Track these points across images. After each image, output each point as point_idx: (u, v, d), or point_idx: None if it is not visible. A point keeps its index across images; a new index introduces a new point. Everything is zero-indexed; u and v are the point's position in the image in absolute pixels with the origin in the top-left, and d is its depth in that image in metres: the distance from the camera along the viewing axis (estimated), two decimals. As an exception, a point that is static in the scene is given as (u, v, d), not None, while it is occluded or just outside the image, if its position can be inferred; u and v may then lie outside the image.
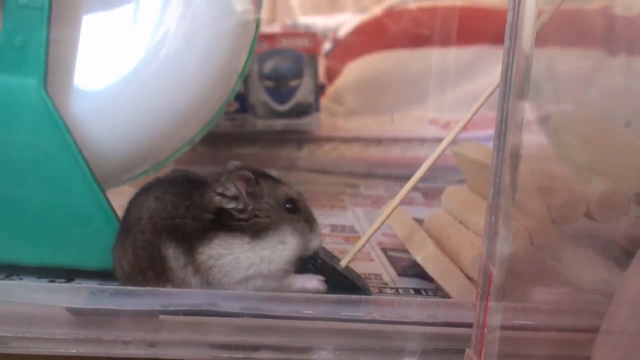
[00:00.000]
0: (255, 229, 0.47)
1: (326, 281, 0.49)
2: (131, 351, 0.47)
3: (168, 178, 0.51)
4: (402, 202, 0.53)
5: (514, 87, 0.39)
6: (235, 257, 0.46)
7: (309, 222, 0.49)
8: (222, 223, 0.47)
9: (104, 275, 0.53)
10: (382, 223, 0.52)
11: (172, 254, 0.47)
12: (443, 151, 0.53)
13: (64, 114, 0.52)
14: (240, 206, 0.47)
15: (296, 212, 0.49)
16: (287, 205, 0.48)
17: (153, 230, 0.48)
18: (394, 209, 0.52)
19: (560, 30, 0.62)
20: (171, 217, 0.48)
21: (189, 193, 0.48)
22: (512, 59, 0.39)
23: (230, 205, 0.47)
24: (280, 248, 0.47)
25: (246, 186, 0.47)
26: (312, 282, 0.49)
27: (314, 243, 0.49)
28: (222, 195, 0.47)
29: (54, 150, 0.52)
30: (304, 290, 0.48)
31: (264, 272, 0.47)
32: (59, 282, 0.53)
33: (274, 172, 0.51)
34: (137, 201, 0.50)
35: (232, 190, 0.47)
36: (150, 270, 0.48)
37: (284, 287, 0.48)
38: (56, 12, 0.52)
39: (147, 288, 0.47)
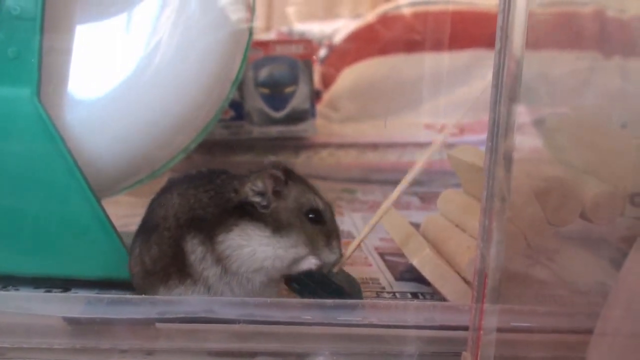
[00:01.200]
0: (275, 225, 0.48)
1: (314, 287, 0.49)
2: (128, 360, 0.47)
3: (192, 174, 0.52)
4: (400, 207, 0.53)
5: (505, 89, 0.39)
6: (253, 249, 0.47)
7: (329, 237, 0.50)
8: (244, 211, 0.48)
9: (100, 284, 0.53)
10: (373, 227, 0.52)
11: (191, 247, 0.48)
12: (431, 153, 0.52)
13: (58, 123, 0.52)
14: (265, 202, 0.48)
15: (319, 223, 0.49)
16: (310, 215, 0.49)
17: (177, 226, 0.49)
18: (383, 214, 0.52)
19: (555, 33, 0.62)
20: (193, 209, 0.49)
21: (214, 183, 0.49)
22: (503, 62, 0.39)
23: (256, 199, 0.48)
24: (292, 251, 0.48)
25: (274, 185, 0.48)
26: (306, 262, 0.49)
27: (327, 258, 0.50)
28: (251, 188, 0.48)
29: (49, 160, 0.52)
30: (298, 271, 0.49)
31: (277, 266, 0.48)
32: (55, 292, 0.53)
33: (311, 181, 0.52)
34: (161, 200, 0.51)
35: (259, 186, 0.48)
36: (173, 266, 0.48)
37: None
38: (49, 22, 0.52)
39: (143, 296, 0.48)
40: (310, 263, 0.49)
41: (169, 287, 0.48)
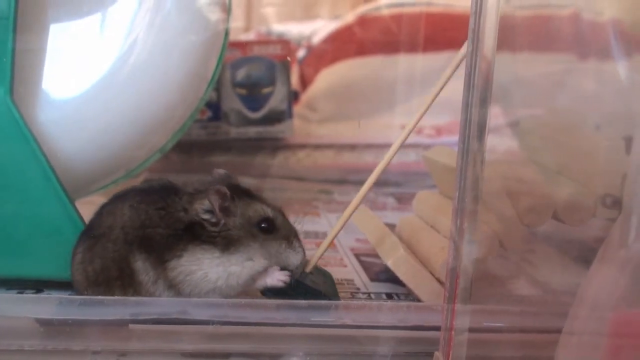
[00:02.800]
0: (225, 243, 0.47)
1: (288, 288, 0.49)
2: (101, 361, 0.47)
3: (144, 187, 0.51)
4: (375, 207, 0.54)
5: (477, 91, 0.39)
6: (205, 272, 0.47)
7: (288, 240, 0.49)
8: (194, 234, 0.47)
9: (73, 285, 0.53)
10: (341, 228, 0.52)
11: (142, 267, 0.47)
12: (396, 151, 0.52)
13: (31, 123, 0.52)
14: (214, 220, 0.47)
15: (272, 231, 0.48)
16: (262, 225, 0.48)
17: (124, 240, 0.48)
18: (352, 212, 0.52)
19: (531, 36, 0.63)
20: (144, 226, 0.48)
21: (165, 202, 0.48)
22: (474, 64, 0.39)
23: (205, 216, 0.47)
24: (248, 265, 0.48)
25: (220, 201, 0.47)
26: (273, 279, 0.48)
27: (292, 260, 0.49)
28: (199, 207, 0.47)
29: (21, 160, 0.51)
30: (266, 287, 0.49)
31: (232, 284, 0.47)
32: (27, 293, 0.53)
33: (252, 187, 0.51)
34: (111, 208, 0.50)
35: (206, 204, 0.47)
36: (118, 280, 0.48)
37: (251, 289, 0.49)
38: (22, 21, 0.51)
39: (116, 297, 0.47)
40: (275, 280, 0.48)
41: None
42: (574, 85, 0.67)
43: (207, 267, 0.47)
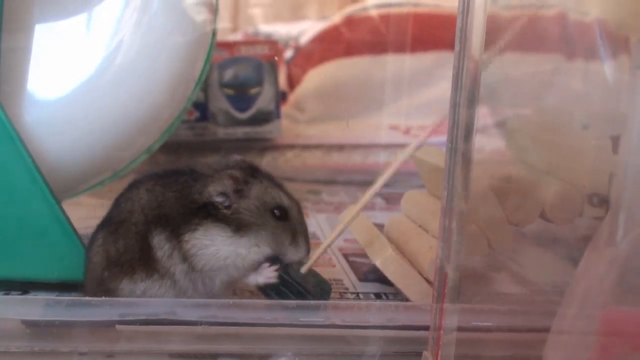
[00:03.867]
0: (237, 224, 0.48)
1: (280, 288, 0.49)
2: (88, 362, 0.46)
3: (159, 172, 0.52)
4: (364, 208, 0.54)
5: (464, 91, 0.39)
6: (217, 248, 0.48)
7: (294, 234, 0.50)
8: (208, 212, 0.49)
9: (60, 286, 0.52)
10: (342, 231, 0.52)
11: (157, 243, 0.48)
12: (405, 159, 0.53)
13: (16, 124, 0.52)
14: (227, 203, 0.48)
15: (284, 220, 0.49)
16: (275, 211, 0.49)
17: (145, 221, 0.49)
18: (354, 217, 0.52)
19: (518, 36, 0.63)
20: (160, 206, 0.49)
21: (179, 185, 0.50)
22: (462, 64, 0.39)
23: (219, 199, 0.49)
24: (254, 250, 0.49)
25: (234, 186, 0.48)
26: (264, 276, 0.49)
27: (293, 255, 0.50)
28: (213, 190, 0.49)
29: (7, 161, 0.51)
30: (256, 285, 0.50)
31: (238, 265, 0.49)
32: (13, 295, 0.52)
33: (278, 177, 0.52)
34: (128, 195, 0.51)
35: (219, 188, 0.49)
36: (139, 260, 0.48)
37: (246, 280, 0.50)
38: (7, 20, 0.51)
39: (103, 298, 0.47)
40: (264, 277, 0.49)
41: (134, 280, 0.48)
42: (561, 85, 0.67)
43: (219, 244, 0.48)
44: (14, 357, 0.46)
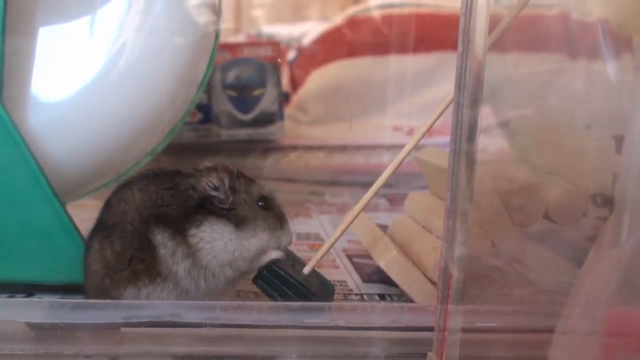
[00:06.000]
0: (236, 220, 0.49)
1: (283, 290, 0.49)
2: (93, 365, 0.46)
3: (148, 172, 0.52)
4: (368, 209, 0.54)
5: (467, 91, 0.39)
6: (225, 242, 0.49)
7: (280, 220, 0.51)
8: (208, 209, 0.49)
9: (64, 289, 0.52)
10: (344, 231, 0.52)
11: (161, 241, 0.48)
12: (404, 158, 0.53)
13: (21, 127, 0.52)
14: (222, 196, 0.49)
15: (268, 209, 0.51)
16: (260, 203, 0.51)
17: (141, 219, 0.49)
18: (355, 217, 0.52)
19: (521, 36, 0.63)
20: (157, 205, 0.49)
21: (172, 182, 0.50)
22: (465, 64, 0.39)
23: (214, 193, 0.49)
24: (254, 241, 0.49)
25: (229, 179, 0.49)
26: (269, 255, 0.50)
27: (284, 240, 0.51)
28: (207, 183, 0.49)
29: (11, 163, 0.51)
30: (265, 261, 0.50)
31: (245, 256, 0.49)
32: (18, 297, 0.52)
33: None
34: (119, 196, 0.50)
35: (213, 182, 0.49)
36: (139, 263, 0.48)
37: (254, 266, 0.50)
38: (10, 23, 0.51)
39: (108, 301, 0.47)
40: (275, 253, 0.50)
41: (139, 287, 0.48)
42: (564, 85, 0.67)
43: (226, 239, 0.49)
44: (19, 360, 0.46)
